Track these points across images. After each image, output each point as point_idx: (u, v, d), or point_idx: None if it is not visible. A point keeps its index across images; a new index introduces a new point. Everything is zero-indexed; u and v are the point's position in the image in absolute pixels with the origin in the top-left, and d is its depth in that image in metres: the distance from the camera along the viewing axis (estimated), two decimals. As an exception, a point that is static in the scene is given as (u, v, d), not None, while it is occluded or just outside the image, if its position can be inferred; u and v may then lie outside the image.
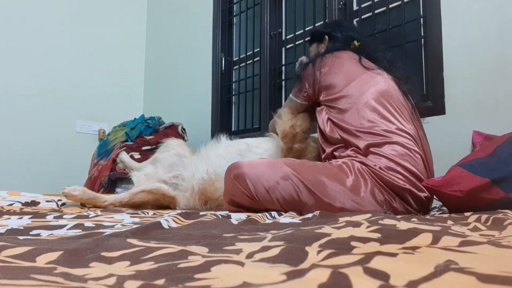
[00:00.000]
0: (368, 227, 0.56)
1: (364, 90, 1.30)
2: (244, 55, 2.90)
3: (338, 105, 1.32)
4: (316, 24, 2.42)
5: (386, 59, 1.43)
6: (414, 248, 0.44)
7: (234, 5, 3.02)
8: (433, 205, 1.47)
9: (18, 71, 3.02)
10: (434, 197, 1.20)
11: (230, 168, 1.28)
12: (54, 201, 1.39)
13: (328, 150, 1.33)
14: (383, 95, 1.29)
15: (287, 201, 1.18)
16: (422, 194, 1.19)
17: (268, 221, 0.91)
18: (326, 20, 2.31)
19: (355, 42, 1.51)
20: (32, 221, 0.80)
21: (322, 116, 1.36)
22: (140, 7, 3.71)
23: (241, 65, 2.94)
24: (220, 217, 0.92)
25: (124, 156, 1.89)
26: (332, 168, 1.21)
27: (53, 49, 3.17)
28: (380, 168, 1.18)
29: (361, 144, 1.23)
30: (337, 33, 1.56)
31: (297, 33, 2.56)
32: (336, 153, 1.30)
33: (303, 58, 1.58)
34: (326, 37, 1.58)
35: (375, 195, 1.16)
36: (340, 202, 1.15)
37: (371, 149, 1.22)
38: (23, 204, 1.25)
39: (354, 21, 2.26)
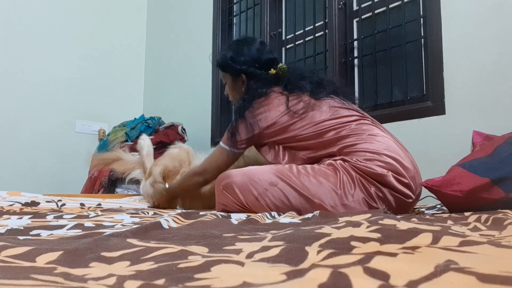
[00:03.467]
0: (368, 227, 0.56)
1: (311, 117, 1.30)
2: (244, 55, 2.90)
3: (290, 134, 1.30)
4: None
5: (311, 82, 1.39)
6: (414, 248, 0.44)
7: (234, 5, 3.02)
8: (433, 205, 1.47)
9: (18, 71, 3.02)
10: (430, 193, 1.20)
11: (219, 179, 1.29)
12: (54, 201, 1.39)
13: None
14: (331, 112, 1.30)
15: (278, 206, 1.18)
16: (403, 179, 1.18)
17: (268, 221, 0.91)
18: (326, 20, 2.32)
19: (272, 70, 1.44)
20: (32, 221, 0.80)
21: (276, 152, 1.33)
22: (140, 7, 3.71)
23: (241, 65, 2.93)
24: (220, 217, 0.92)
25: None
26: (320, 168, 1.21)
27: (53, 49, 3.17)
28: (357, 160, 1.19)
29: (334, 149, 1.25)
30: (252, 68, 1.44)
31: (297, 33, 2.56)
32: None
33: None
34: (243, 76, 1.46)
35: (362, 189, 1.17)
36: (332, 201, 1.15)
37: (345, 150, 1.24)
38: (23, 205, 1.25)
39: (354, 21, 2.26)
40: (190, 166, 1.66)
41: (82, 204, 1.40)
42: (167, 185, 1.60)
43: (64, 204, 1.37)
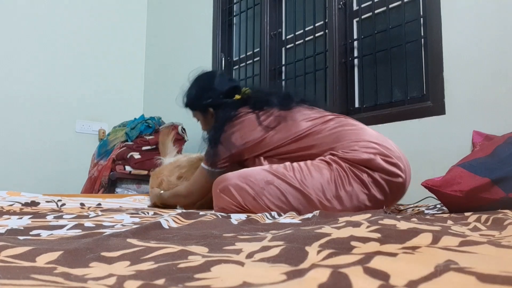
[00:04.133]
0: (368, 227, 0.56)
1: (287, 131, 1.32)
2: (244, 55, 2.90)
3: (274, 146, 1.33)
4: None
5: (279, 96, 1.43)
6: (414, 248, 0.44)
7: (234, 5, 3.02)
8: (433, 205, 1.47)
9: (18, 71, 3.02)
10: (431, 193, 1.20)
11: (215, 183, 1.29)
12: (54, 201, 1.39)
13: None
14: (305, 117, 1.33)
15: (276, 205, 1.19)
16: (390, 159, 1.21)
17: (268, 221, 0.91)
18: (326, 20, 2.32)
19: (236, 96, 1.48)
20: (32, 221, 0.80)
21: (258, 164, 1.34)
22: (140, 7, 3.71)
23: (241, 65, 2.94)
24: (220, 217, 0.92)
25: None
26: (313, 163, 1.24)
27: (53, 49, 3.17)
28: (344, 152, 1.22)
29: (316, 150, 1.27)
30: (217, 99, 1.49)
31: (297, 33, 2.56)
32: None
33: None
34: (211, 110, 1.52)
35: (355, 178, 1.19)
36: (329, 193, 1.17)
37: (330, 146, 1.26)
38: (23, 205, 1.25)
39: (354, 21, 2.26)
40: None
41: (82, 204, 1.40)
42: (161, 191, 1.62)
43: (64, 204, 1.37)
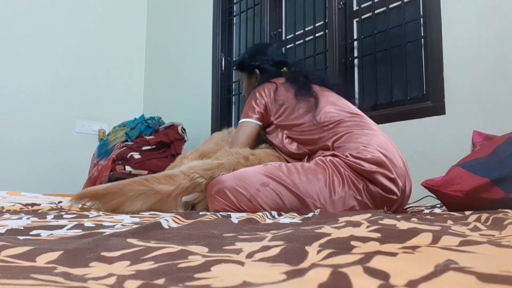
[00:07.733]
0: (368, 226, 0.56)
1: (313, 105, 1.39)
2: (244, 55, 2.90)
3: (294, 122, 1.39)
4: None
5: (319, 78, 1.53)
6: (414, 248, 0.44)
7: (234, 5, 3.02)
8: (433, 205, 1.47)
9: (18, 71, 3.02)
10: (430, 194, 1.20)
11: (210, 185, 1.28)
12: (54, 201, 1.39)
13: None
14: (334, 104, 1.38)
15: (271, 207, 1.19)
16: (389, 174, 1.20)
17: (268, 221, 0.91)
18: (326, 20, 2.32)
19: (284, 68, 1.58)
20: (32, 221, 0.80)
21: (279, 137, 1.43)
22: (140, 7, 3.71)
23: (241, 65, 2.93)
24: (220, 217, 0.92)
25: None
26: (310, 166, 1.24)
27: (53, 49, 3.17)
28: (350, 155, 1.22)
29: (328, 142, 1.30)
30: (266, 65, 1.59)
31: (297, 33, 2.56)
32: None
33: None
34: (257, 71, 1.61)
35: (351, 185, 1.19)
36: (322, 198, 1.18)
37: (338, 142, 1.28)
38: (23, 205, 1.25)
39: (354, 21, 2.26)
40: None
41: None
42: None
43: (64, 204, 1.37)
